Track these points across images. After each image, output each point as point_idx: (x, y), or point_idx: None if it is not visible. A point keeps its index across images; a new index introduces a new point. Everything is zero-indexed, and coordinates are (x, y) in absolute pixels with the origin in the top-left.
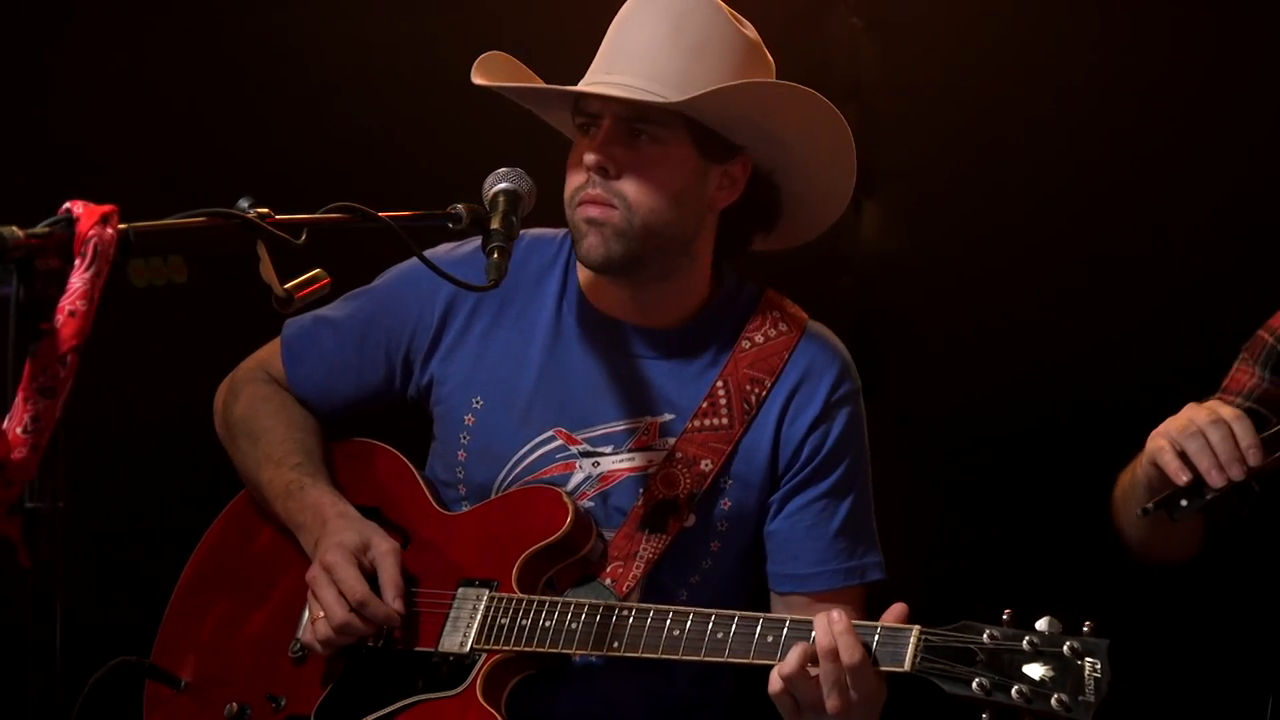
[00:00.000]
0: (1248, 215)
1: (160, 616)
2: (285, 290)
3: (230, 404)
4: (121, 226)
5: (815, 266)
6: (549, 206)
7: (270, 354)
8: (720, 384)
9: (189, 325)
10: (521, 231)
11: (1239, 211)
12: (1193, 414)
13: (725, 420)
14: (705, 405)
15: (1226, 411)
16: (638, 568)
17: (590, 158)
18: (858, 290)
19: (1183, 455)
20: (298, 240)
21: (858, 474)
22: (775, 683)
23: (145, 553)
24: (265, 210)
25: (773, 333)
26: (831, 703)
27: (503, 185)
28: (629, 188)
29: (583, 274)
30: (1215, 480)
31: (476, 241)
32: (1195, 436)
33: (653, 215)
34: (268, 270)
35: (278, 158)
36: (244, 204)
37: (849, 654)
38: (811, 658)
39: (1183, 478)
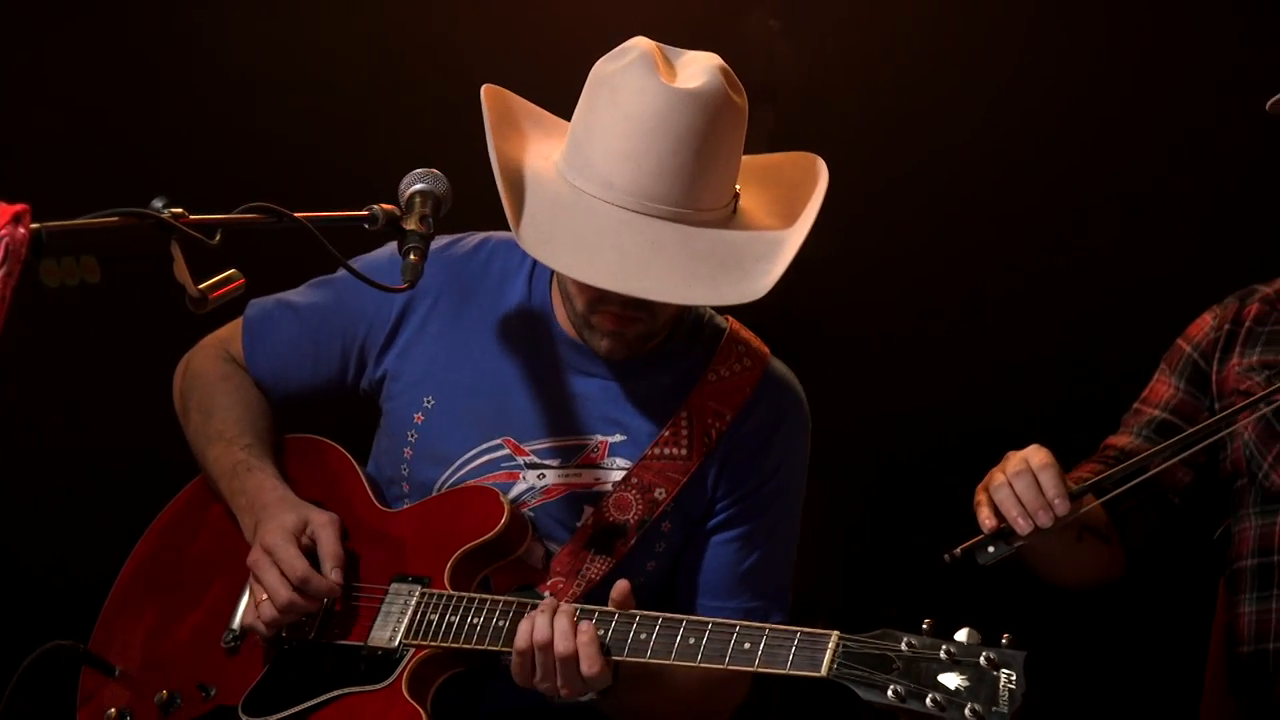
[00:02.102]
0: (1171, 222)
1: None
2: (200, 290)
3: (189, 379)
4: (34, 226)
5: None
6: (465, 208)
7: (232, 333)
8: (684, 414)
9: (103, 324)
10: (487, 235)
11: (1162, 218)
12: (1004, 464)
13: (685, 451)
14: (667, 434)
15: (1036, 461)
16: (579, 586)
17: (612, 328)
18: (777, 294)
19: (993, 504)
20: (212, 240)
21: (784, 519)
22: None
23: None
24: (179, 210)
25: (737, 367)
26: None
27: (419, 186)
28: (658, 306)
29: (552, 288)
30: (1021, 528)
31: (444, 240)
32: (1002, 487)
33: (678, 311)
34: (181, 270)
35: (193, 158)
36: (158, 204)
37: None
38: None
39: (988, 524)
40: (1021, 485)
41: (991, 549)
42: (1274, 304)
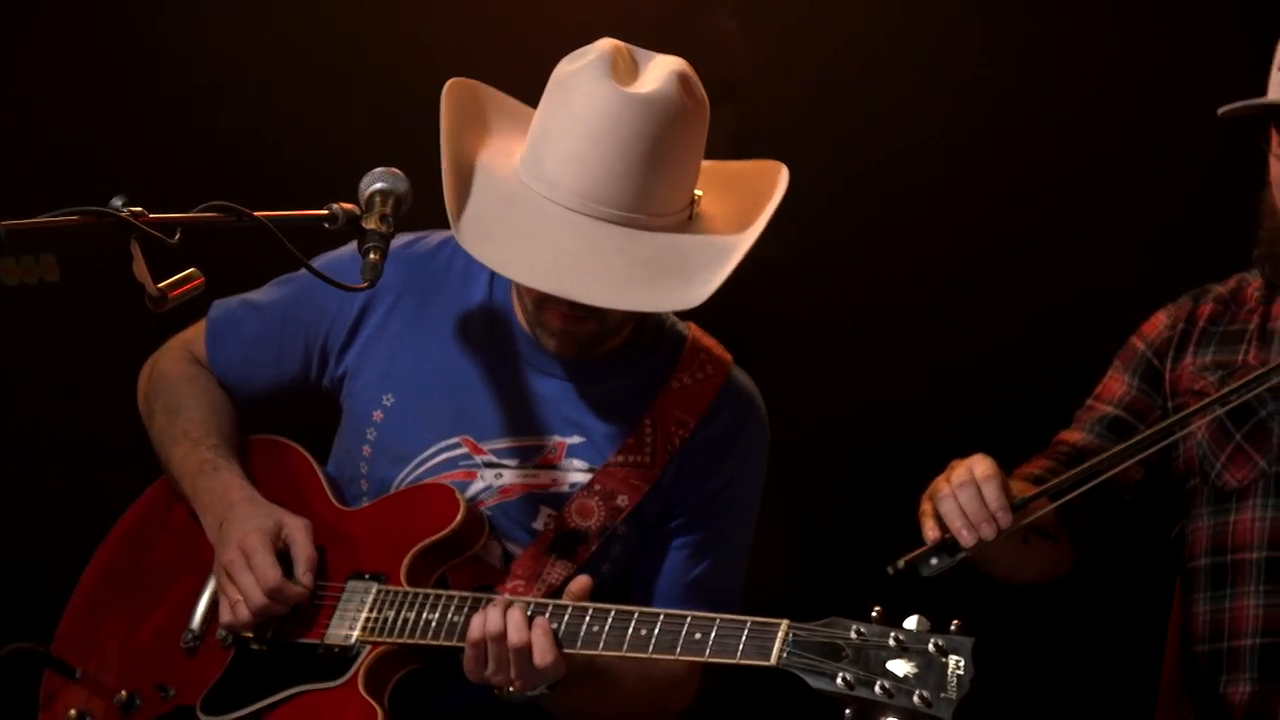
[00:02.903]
0: (1114, 220)
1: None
2: (159, 289)
3: (154, 379)
4: None
5: None
6: (430, 207)
7: (195, 334)
8: (648, 422)
9: (65, 324)
10: (450, 233)
11: (1107, 216)
12: (949, 474)
13: (648, 458)
14: (631, 441)
15: (980, 471)
16: (539, 590)
17: (559, 326)
18: (731, 292)
19: (937, 515)
20: (172, 239)
21: (739, 525)
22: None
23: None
24: (139, 209)
25: (700, 375)
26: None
27: (379, 185)
28: (606, 308)
29: (513, 288)
30: (965, 540)
31: (406, 238)
32: (946, 498)
33: (629, 315)
34: (141, 269)
35: (152, 157)
36: (117, 202)
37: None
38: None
39: (931, 535)
40: (966, 497)
41: (935, 561)
42: (1228, 304)
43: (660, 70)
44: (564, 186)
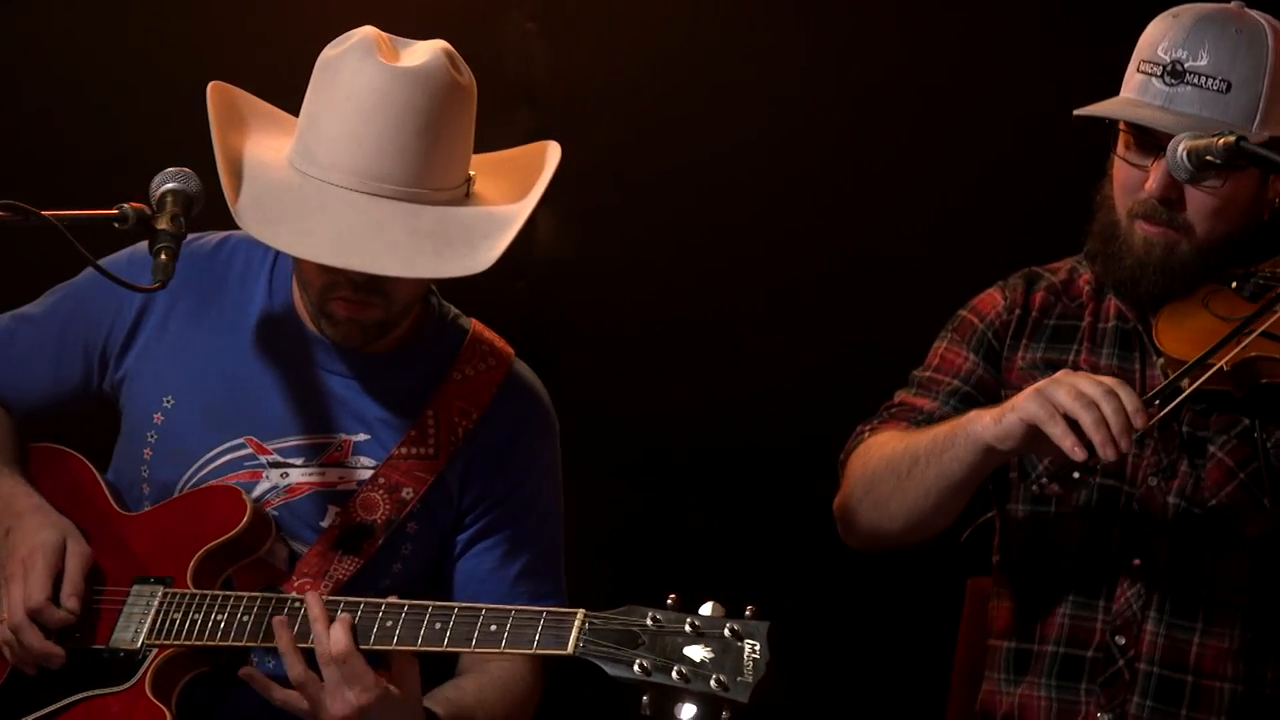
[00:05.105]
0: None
1: None
2: None
3: None
4: None
5: (488, 271)
6: (220, 207)
7: None
8: (431, 413)
9: None
10: (229, 233)
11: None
12: (1077, 381)
13: (431, 450)
14: (414, 433)
15: (1109, 380)
16: (326, 587)
17: (345, 314)
18: (530, 294)
19: (1074, 425)
20: None
21: (545, 519)
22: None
23: None
24: None
25: (482, 366)
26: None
27: (170, 185)
28: (391, 289)
29: (294, 285)
30: (1110, 455)
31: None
32: (1091, 408)
33: (414, 298)
34: None
35: None
36: None
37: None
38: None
39: (1080, 454)
40: (1110, 408)
41: (1076, 475)
42: (1059, 295)
43: (424, 49)
44: (342, 167)
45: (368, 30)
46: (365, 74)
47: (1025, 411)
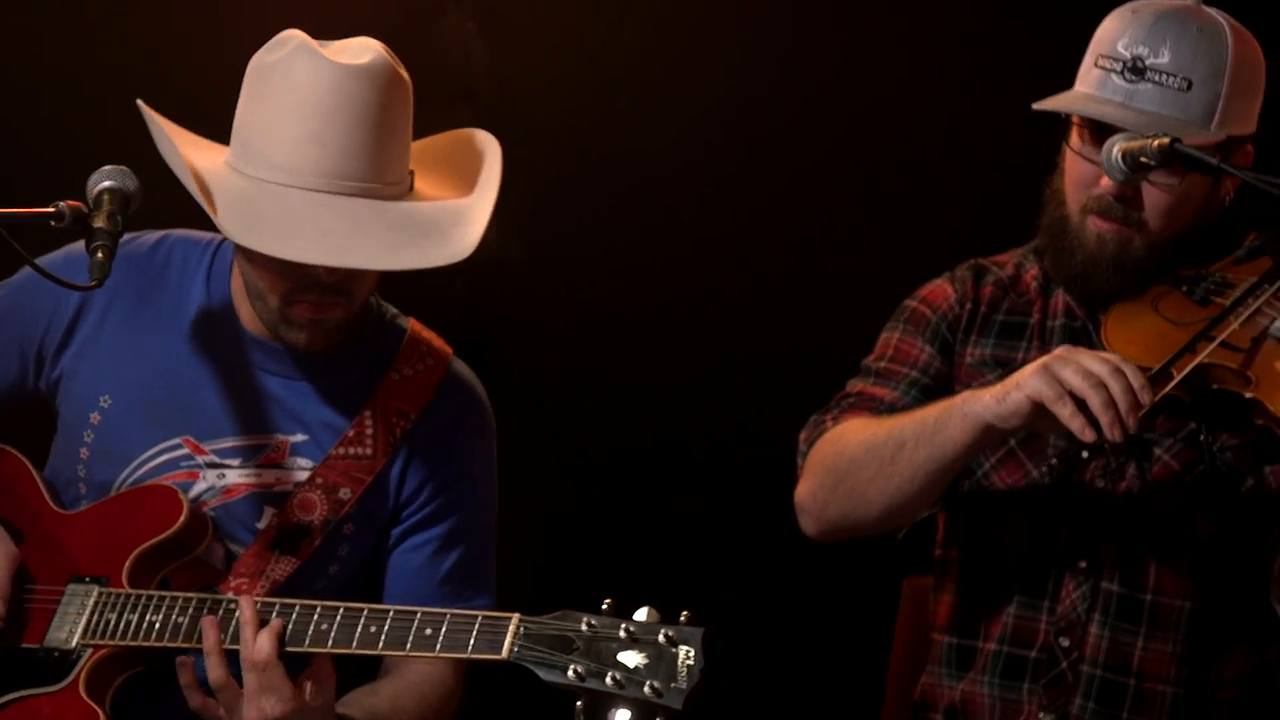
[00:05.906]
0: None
1: None
2: None
3: None
4: None
5: (428, 271)
6: (156, 205)
7: None
8: (369, 413)
9: None
10: (167, 232)
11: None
12: (1084, 360)
13: (370, 450)
14: (352, 434)
15: (1115, 358)
16: (262, 587)
17: (310, 317)
18: (470, 294)
19: (1081, 405)
20: None
21: (479, 517)
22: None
23: None
24: None
25: (420, 366)
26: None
27: (107, 183)
28: (355, 287)
29: (232, 286)
30: (1117, 436)
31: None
32: (1099, 388)
33: (369, 294)
34: None
35: None
36: None
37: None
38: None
39: (1090, 435)
40: (1119, 388)
41: (1085, 454)
42: (1007, 289)
43: (361, 46)
44: (307, 169)
45: (297, 33)
46: (321, 75)
47: (1032, 389)
